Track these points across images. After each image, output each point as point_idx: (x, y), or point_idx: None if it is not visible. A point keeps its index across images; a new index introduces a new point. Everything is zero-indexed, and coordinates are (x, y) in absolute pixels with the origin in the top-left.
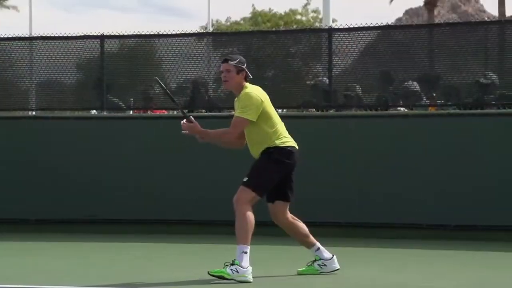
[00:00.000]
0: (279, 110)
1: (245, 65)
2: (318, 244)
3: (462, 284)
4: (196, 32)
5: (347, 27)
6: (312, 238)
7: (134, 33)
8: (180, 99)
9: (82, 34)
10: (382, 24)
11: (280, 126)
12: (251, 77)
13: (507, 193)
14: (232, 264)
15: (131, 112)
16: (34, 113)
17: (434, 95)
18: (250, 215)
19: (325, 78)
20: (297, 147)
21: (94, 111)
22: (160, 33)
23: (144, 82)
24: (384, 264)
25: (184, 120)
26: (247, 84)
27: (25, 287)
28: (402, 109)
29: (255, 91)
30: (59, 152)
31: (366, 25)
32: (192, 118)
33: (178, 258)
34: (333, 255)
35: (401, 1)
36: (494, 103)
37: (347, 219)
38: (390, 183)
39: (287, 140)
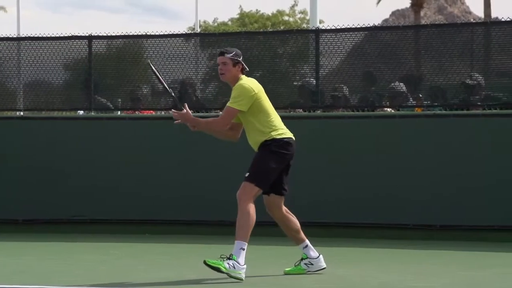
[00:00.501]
0: None
1: (241, 58)
2: (307, 241)
3: (449, 283)
4: (184, 33)
5: (334, 28)
6: (302, 234)
7: (122, 34)
8: (167, 100)
9: (70, 35)
10: (369, 25)
11: (276, 118)
12: (248, 69)
13: (492, 193)
14: (230, 259)
15: (119, 112)
16: (22, 113)
17: (421, 96)
18: (253, 213)
19: (312, 79)
20: (293, 138)
21: (81, 111)
22: (148, 33)
23: (132, 83)
24: (371, 264)
25: (173, 110)
26: (243, 76)
27: (12, 287)
28: (388, 109)
29: (249, 82)
30: (46, 153)
31: (353, 26)
32: (186, 106)
33: (165, 258)
34: (319, 254)
35: (388, 3)
36: (479, 104)
37: (335, 219)
38: (377, 184)
39: (283, 131)
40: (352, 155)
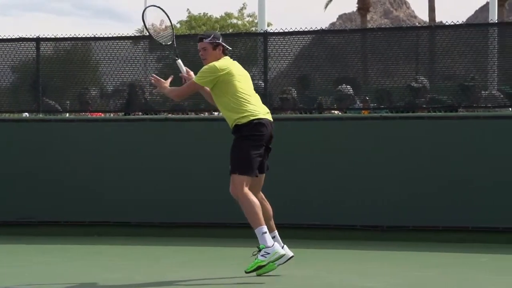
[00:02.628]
0: (215, 113)
1: (220, 39)
2: (276, 232)
3: (396, 284)
4: (133, 35)
5: (282, 31)
6: (273, 224)
7: (70, 36)
8: (116, 102)
9: (18, 37)
10: (316, 29)
11: (248, 101)
12: (230, 48)
13: (437, 194)
14: (259, 251)
15: (67, 114)
16: None
17: (367, 98)
18: (252, 198)
19: (261, 82)
20: (267, 117)
21: (26, 113)
22: (96, 36)
23: (80, 85)
24: (319, 265)
25: (153, 75)
26: (226, 57)
27: None
28: (336, 112)
29: (220, 62)
30: None
31: (301, 30)
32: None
33: (114, 259)
34: (283, 245)
35: (335, 7)
36: (425, 106)
37: (282, 220)
38: (324, 185)
39: (250, 113)
40: (299, 156)
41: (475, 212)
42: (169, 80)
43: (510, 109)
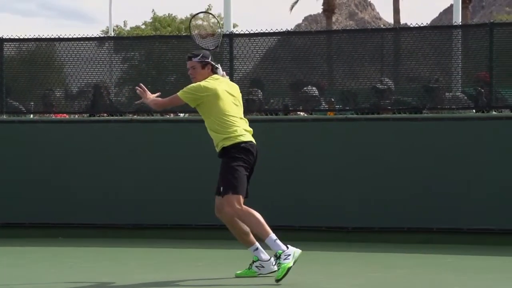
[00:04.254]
0: (181, 114)
1: (209, 58)
2: (257, 244)
3: (361, 284)
4: (98, 36)
5: (248, 32)
6: (252, 237)
7: (34, 37)
8: (81, 103)
9: None
10: (282, 30)
11: (232, 123)
12: (219, 67)
13: (402, 195)
14: (279, 257)
15: (31, 115)
16: None
17: (333, 100)
18: (253, 212)
19: None
20: (251, 141)
21: None
22: (61, 37)
23: (44, 86)
24: None
25: (140, 84)
26: (215, 75)
27: None
28: (301, 113)
29: (209, 82)
30: None
31: (267, 31)
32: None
33: (78, 261)
34: (270, 257)
35: (301, 8)
36: (390, 108)
37: None
38: (289, 187)
39: (235, 136)
40: (264, 158)
41: (440, 213)
42: (156, 94)
43: (474, 111)
